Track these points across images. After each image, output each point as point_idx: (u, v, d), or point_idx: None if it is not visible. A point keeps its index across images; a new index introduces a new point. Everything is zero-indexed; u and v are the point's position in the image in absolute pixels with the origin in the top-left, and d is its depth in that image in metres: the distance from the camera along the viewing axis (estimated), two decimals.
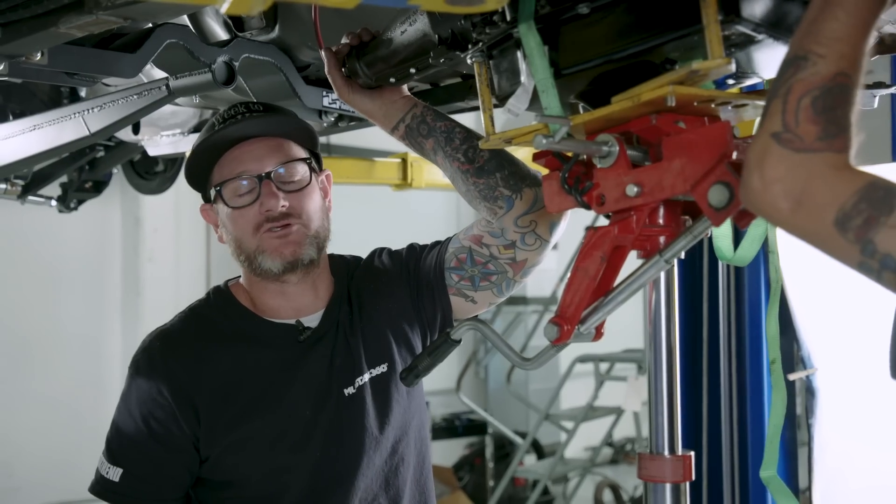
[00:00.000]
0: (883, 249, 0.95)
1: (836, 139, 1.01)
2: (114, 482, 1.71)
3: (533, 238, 1.73)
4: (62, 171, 3.67)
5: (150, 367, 1.73)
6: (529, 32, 1.30)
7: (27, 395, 5.79)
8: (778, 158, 1.03)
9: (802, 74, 1.04)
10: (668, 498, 1.35)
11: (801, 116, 1.02)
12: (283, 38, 2.00)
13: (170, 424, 1.70)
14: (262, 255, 1.73)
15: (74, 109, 2.13)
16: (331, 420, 1.74)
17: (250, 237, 1.73)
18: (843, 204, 0.97)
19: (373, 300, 1.85)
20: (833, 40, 1.04)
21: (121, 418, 1.75)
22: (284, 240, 1.72)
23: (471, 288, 1.82)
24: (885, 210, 0.95)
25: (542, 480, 6.28)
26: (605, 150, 1.26)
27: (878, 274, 0.97)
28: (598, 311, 1.33)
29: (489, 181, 1.71)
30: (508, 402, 7.66)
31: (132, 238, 6.31)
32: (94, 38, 1.81)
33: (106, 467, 1.73)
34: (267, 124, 1.75)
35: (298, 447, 1.73)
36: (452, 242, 1.84)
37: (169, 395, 1.70)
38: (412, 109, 1.75)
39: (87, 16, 1.40)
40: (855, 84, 1.04)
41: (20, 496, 5.72)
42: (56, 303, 6.05)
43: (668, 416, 1.36)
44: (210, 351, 1.75)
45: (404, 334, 1.85)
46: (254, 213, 1.72)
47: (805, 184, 1.01)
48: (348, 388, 1.77)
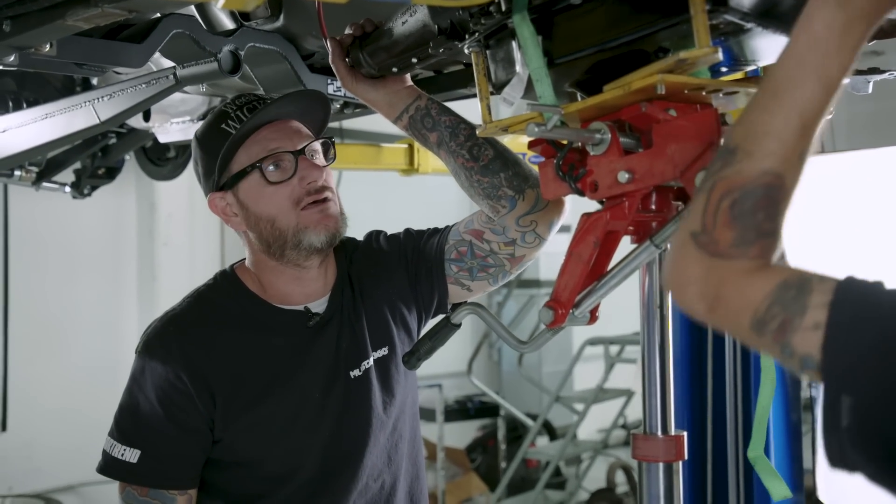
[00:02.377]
0: (801, 352, 0.93)
1: (752, 246, 0.98)
2: (131, 463, 1.72)
3: (533, 236, 1.78)
4: (75, 157, 3.72)
5: (166, 351, 1.75)
6: (523, 22, 1.32)
7: (46, 378, 5.87)
8: (694, 260, 1.00)
9: (727, 171, 1.00)
10: (661, 477, 1.39)
11: (718, 219, 0.99)
12: (287, 27, 2.03)
13: (188, 407, 1.72)
14: (305, 230, 1.74)
15: (85, 98, 2.17)
16: (339, 402, 1.79)
17: (290, 213, 1.74)
18: (757, 309, 0.95)
19: (373, 283, 1.89)
20: (762, 135, 0.99)
21: (134, 401, 1.76)
22: (326, 213, 1.76)
23: (468, 278, 1.86)
24: (797, 311, 0.93)
25: (553, 462, 6.32)
26: (598, 138, 1.29)
27: (800, 372, 0.95)
28: (591, 294, 1.37)
29: (493, 180, 1.74)
30: (522, 385, 7.70)
31: (147, 223, 6.37)
32: (102, 29, 1.84)
33: (120, 449, 1.74)
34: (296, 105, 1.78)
35: (310, 428, 1.77)
36: (452, 234, 1.88)
37: (187, 379, 1.72)
38: (416, 101, 1.78)
39: (93, 8, 1.44)
40: (786, 184, 0.98)
41: (40, 477, 5.81)
42: (73, 287, 6.12)
43: (661, 397, 1.39)
44: (223, 335, 1.78)
45: (402, 317, 1.90)
46: (292, 187, 1.73)
47: (718, 289, 0.98)
48: (354, 371, 1.81)
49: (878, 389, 0.88)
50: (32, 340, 5.89)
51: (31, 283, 5.91)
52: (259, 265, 1.84)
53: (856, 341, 0.89)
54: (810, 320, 0.92)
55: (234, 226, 1.83)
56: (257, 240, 1.79)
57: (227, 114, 1.76)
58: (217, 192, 1.80)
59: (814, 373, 0.93)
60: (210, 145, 1.77)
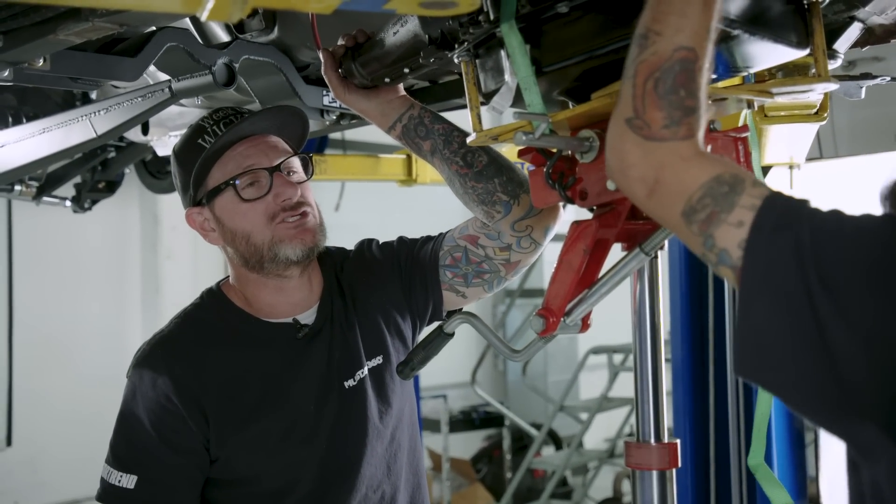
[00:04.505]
0: (721, 245, 0.98)
1: (680, 126, 1.03)
2: (128, 490, 1.71)
3: (528, 241, 1.79)
4: (75, 172, 3.73)
5: (155, 374, 1.74)
6: (511, 32, 1.32)
7: (50, 391, 5.88)
8: (632, 144, 1.05)
9: (644, 55, 1.05)
10: (654, 485, 1.38)
11: (647, 101, 1.04)
12: (282, 39, 2.03)
13: (180, 428, 1.72)
14: (280, 244, 1.74)
15: (81, 112, 2.17)
16: (335, 413, 1.78)
17: (264, 229, 1.74)
18: (690, 197, 1.01)
19: (366, 292, 1.88)
20: (668, 14, 1.05)
21: (128, 425, 1.76)
22: (302, 227, 1.75)
23: (463, 284, 1.86)
24: (726, 207, 0.98)
25: (559, 471, 6.30)
26: (587, 146, 1.29)
27: (716, 266, 1.00)
28: (582, 303, 1.37)
29: (487, 186, 1.75)
30: (526, 394, 7.68)
31: (150, 236, 6.38)
32: (96, 44, 1.85)
33: (117, 476, 1.72)
34: (273, 120, 1.78)
35: (306, 441, 1.77)
36: (447, 240, 1.88)
37: (177, 401, 1.71)
38: (409, 110, 1.79)
39: (83, 22, 1.45)
40: (699, 57, 1.04)
41: (46, 491, 5.81)
42: (77, 300, 6.14)
43: (654, 405, 1.39)
44: (211, 354, 1.77)
45: (397, 325, 1.89)
46: (266, 204, 1.73)
47: (657, 173, 1.03)
48: (349, 381, 1.81)
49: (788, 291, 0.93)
50: (37, 354, 5.90)
51: (35, 296, 5.92)
52: (241, 279, 1.84)
53: (774, 246, 0.95)
54: (735, 217, 0.98)
55: (211, 240, 1.83)
56: (235, 254, 1.80)
57: (204, 128, 1.75)
58: (194, 207, 1.80)
59: (727, 269, 0.99)
60: (186, 159, 1.77)
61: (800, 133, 3.00)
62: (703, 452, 3.35)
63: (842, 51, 1.50)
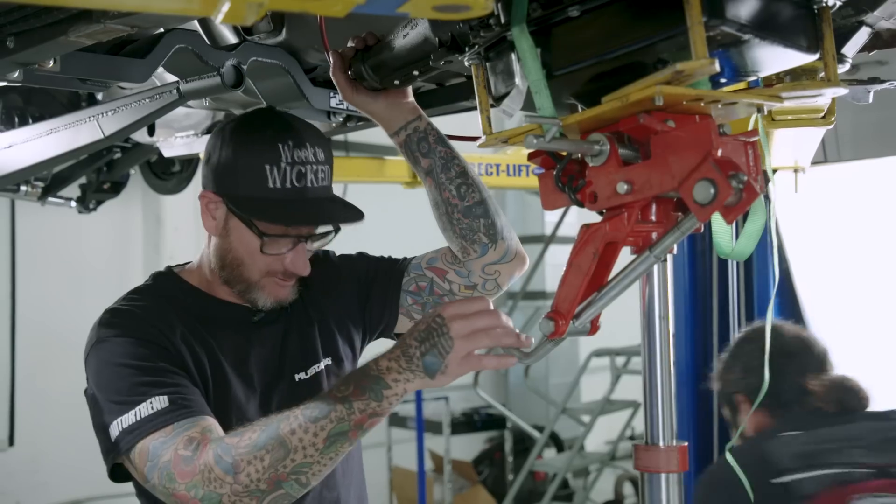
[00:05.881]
0: None
1: None
2: (164, 408, 1.53)
3: (493, 285, 1.87)
4: (81, 172, 3.74)
5: (130, 318, 1.66)
6: (522, 35, 1.33)
7: (53, 391, 5.88)
8: None
9: None
10: (663, 488, 1.38)
11: None
12: (290, 41, 2.04)
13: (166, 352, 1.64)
14: (258, 291, 1.75)
15: (89, 113, 2.18)
16: (284, 401, 1.72)
17: (256, 272, 1.74)
18: None
19: (323, 296, 1.90)
20: None
21: (119, 366, 1.60)
22: (286, 289, 1.76)
23: (420, 312, 1.90)
24: None
25: (560, 474, 6.30)
26: (597, 149, 1.29)
27: None
28: (591, 306, 1.37)
29: (473, 224, 1.80)
30: (528, 397, 7.68)
31: (153, 237, 6.39)
32: (105, 45, 1.86)
33: (134, 413, 1.53)
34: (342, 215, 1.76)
35: (240, 416, 1.71)
36: (413, 267, 1.91)
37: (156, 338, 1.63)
38: (415, 121, 1.82)
39: (95, 24, 1.45)
40: None
41: (47, 491, 5.82)
42: (80, 301, 6.13)
43: (663, 408, 1.39)
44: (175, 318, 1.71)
45: (349, 333, 1.92)
46: (275, 259, 1.72)
47: None
48: (300, 374, 1.81)
49: None
50: (39, 354, 5.90)
51: (38, 296, 5.93)
52: (208, 273, 1.81)
53: None
54: None
55: (207, 226, 1.79)
56: (215, 255, 1.79)
57: (279, 154, 1.68)
58: (215, 194, 1.76)
59: None
60: (244, 156, 1.70)
61: (805, 137, 3.01)
62: (707, 456, 3.35)
63: (850, 55, 1.51)
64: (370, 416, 1.45)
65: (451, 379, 1.48)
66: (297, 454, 1.44)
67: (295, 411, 1.48)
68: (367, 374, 1.48)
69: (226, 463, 1.45)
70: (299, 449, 1.44)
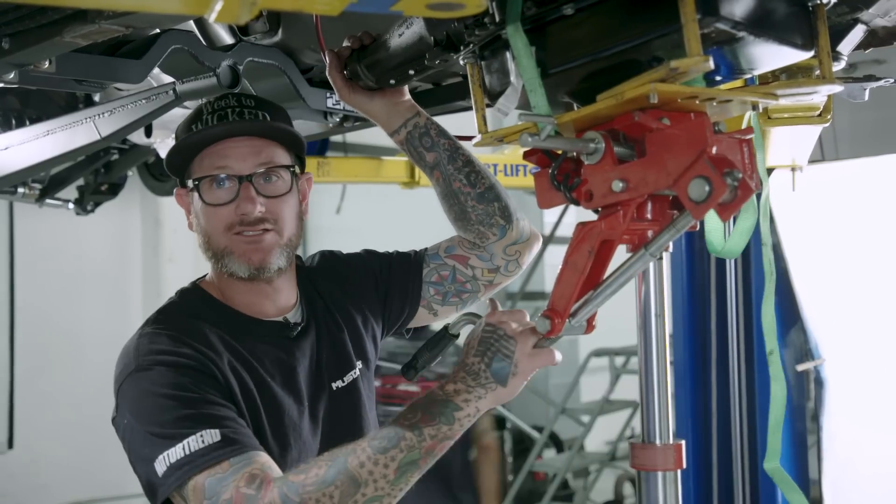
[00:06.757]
0: None
1: None
2: (215, 443, 1.46)
3: (514, 265, 1.89)
4: (78, 174, 3.74)
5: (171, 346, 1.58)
6: (517, 34, 1.33)
7: (52, 394, 5.89)
8: None
9: None
10: (659, 486, 1.38)
11: None
12: (286, 42, 2.04)
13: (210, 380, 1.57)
14: (230, 256, 1.67)
15: (85, 114, 2.17)
16: (328, 412, 1.74)
17: (220, 235, 1.68)
18: None
19: (343, 299, 1.86)
20: None
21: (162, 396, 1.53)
22: (255, 245, 1.67)
23: (440, 302, 1.91)
24: None
25: (560, 474, 6.30)
26: (592, 147, 1.29)
27: None
28: (587, 304, 1.37)
29: (488, 208, 1.83)
30: (527, 397, 7.67)
31: (152, 239, 6.39)
32: (101, 46, 1.85)
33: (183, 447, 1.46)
34: (254, 127, 1.70)
35: (297, 435, 1.69)
36: (431, 258, 1.91)
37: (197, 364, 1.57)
38: (415, 118, 1.82)
39: (90, 25, 1.45)
40: None
41: (47, 494, 5.81)
42: (79, 303, 6.14)
43: (659, 406, 1.39)
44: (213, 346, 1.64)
45: (373, 332, 1.91)
46: (228, 212, 1.66)
47: None
48: (337, 382, 1.78)
49: None
50: (38, 356, 5.90)
51: (36, 299, 5.93)
52: (217, 277, 1.75)
53: None
54: None
55: (191, 227, 1.76)
56: (203, 248, 1.74)
57: (201, 114, 1.70)
58: (182, 188, 1.75)
59: None
60: (179, 141, 1.72)
61: (802, 135, 3.01)
62: (706, 454, 3.35)
63: (845, 53, 1.51)
64: (441, 440, 1.43)
65: (522, 380, 1.46)
66: (368, 488, 1.40)
67: (361, 443, 1.44)
68: (434, 400, 1.45)
69: (293, 502, 1.39)
70: (370, 482, 1.40)
